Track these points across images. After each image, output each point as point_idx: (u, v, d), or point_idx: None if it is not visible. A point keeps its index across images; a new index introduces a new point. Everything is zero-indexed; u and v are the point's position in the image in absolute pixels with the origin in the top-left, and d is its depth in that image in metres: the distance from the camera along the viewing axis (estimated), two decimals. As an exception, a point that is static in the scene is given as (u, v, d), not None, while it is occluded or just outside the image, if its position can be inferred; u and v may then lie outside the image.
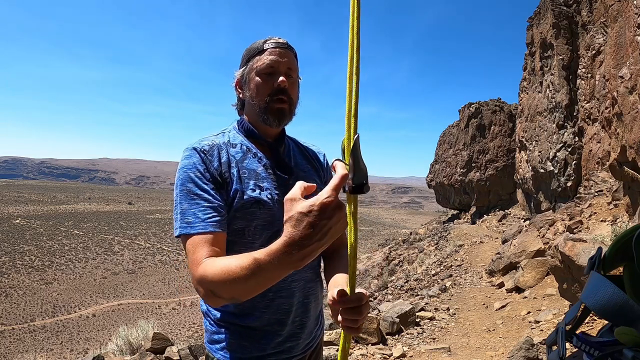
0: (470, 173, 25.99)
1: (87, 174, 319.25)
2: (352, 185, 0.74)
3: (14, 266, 39.53)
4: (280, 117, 1.13)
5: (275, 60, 1.11)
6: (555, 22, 14.76)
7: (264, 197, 1.08)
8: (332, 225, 0.69)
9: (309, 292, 1.19)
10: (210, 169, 1.05)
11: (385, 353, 4.61)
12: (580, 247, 4.43)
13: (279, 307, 1.12)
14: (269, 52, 1.12)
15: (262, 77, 1.11)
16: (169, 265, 45.23)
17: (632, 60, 6.15)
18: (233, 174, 1.08)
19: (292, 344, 1.15)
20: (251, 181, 1.09)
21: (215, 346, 1.14)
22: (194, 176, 1.02)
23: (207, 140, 1.11)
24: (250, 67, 1.14)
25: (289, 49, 1.15)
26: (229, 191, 1.06)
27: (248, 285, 0.81)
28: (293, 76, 1.16)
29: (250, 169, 1.11)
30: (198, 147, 1.07)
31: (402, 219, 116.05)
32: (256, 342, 1.11)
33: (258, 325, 1.11)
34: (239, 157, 1.12)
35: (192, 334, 21.10)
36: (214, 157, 1.07)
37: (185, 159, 1.05)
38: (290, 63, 1.14)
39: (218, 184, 1.04)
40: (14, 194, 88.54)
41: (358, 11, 0.79)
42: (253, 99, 1.14)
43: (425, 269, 12.88)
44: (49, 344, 24.73)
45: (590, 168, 12.69)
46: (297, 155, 1.27)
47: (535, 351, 3.69)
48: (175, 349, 4.05)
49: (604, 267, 0.56)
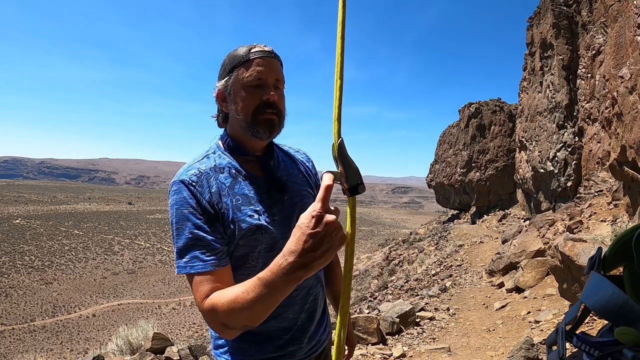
0: (470, 173, 25.98)
1: (87, 174, 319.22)
2: (347, 188, 0.75)
3: (14, 266, 39.53)
4: (270, 128, 1.06)
5: (262, 72, 1.04)
6: (555, 22, 14.76)
7: (263, 222, 1.04)
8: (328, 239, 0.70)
9: (311, 298, 1.17)
10: (202, 202, 0.99)
11: (385, 353, 4.61)
12: (580, 247, 4.43)
13: (283, 317, 1.11)
14: (255, 63, 1.03)
15: (249, 90, 1.04)
16: (169, 265, 45.22)
17: (632, 60, 6.15)
18: (227, 203, 1.02)
19: (294, 348, 1.14)
20: (247, 207, 1.04)
21: (218, 351, 1.14)
22: (187, 212, 0.98)
23: (193, 170, 1.04)
24: (235, 78, 1.05)
25: (276, 58, 1.08)
26: (226, 222, 1.01)
27: (256, 309, 0.81)
28: (280, 88, 1.10)
29: (243, 195, 1.06)
30: (186, 180, 1.01)
31: (402, 219, 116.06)
32: (257, 346, 1.10)
33: (260, 331, 1.09)
34: (229, 183, 1.06)
35: (192, 334, 21.11)
36: (204, 189, 1.01)
37: (175, 194, 1.00)
38: (277, 74, 1.07)
39: (212, 217, 0.99)
40: (14, 194, 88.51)
41: (344, 20, 0.80)
42: (239, 113, 1.06)
43: (425, 269, 12.88)
44: (49, 344, 24.74)
45: (590, 168, 12.69)
46: (288, 166, 1.22)
47: (535, 351, 3.69)
48: (175, 349, 4.04)
49: (604, 267, 0.56)
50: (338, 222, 0.70)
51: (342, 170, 0.75)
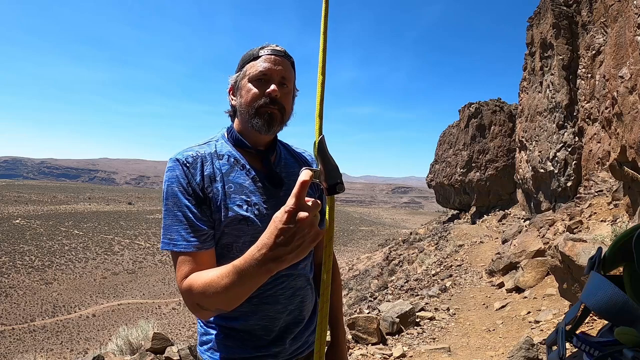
0: (470, 173, 25.98)
1: (87, 174, 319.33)
2: (326, 187, 0.74)
3: (14, 266, 39.53)
4: (269, 122, 1.08)
5: (268, 68, 1.07)
6: (555, 22, 14.76)
7: (251, 215, 1.05)
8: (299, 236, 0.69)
9: (298, 299, 1.16)
10: (192, 184, 1.02)
11: (385, 353, 4.62)
12: (580, 247, 4.43)
13: (264, 314, 1.10)
14: (263, 59, 1.08)
15: (254, 83, 1.08)
16: (169, 265, 45.19)
17: (632, 60, 6.15)
18: (217, 188, 1.04)
19: (278, 349, 1.13)
20: (238, 196, 1.06)
21: (203, 347, 1.15)
22: (177, 190, 1.00)
23: (191, 152, 1.07)
24: (244, 73, 1.10)
25: (286, 57, 1.11)
26: (213, 208, 1.03)
27: (228, 294, 0.83)
28: (288, 85, 1.11)
29: (237, 183, 1.07)
30: (181, 159, 1.04)
31: (402, 219, 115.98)
32: (240, 343, 1.10)
33: (243, 328, 1.10)
34: (225, 170, 1.08)
35: (192, 334, 21.12)
36: (197, 170, 1.04)
37: (169, 170, 1.03)
38: (285, 72, 1.10)
39: (200, 200, 1.02)
40: (14, 194, 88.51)
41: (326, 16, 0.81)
42: (242, 105, 1.10)
43: (425, 269, 12.88)
44: (49, 344, 24.74)
45: (590, 168, 12.69)
46: (289, 164, 1.23)
47: (535, 351, 3.69)
48: (175, 349, 4.04)
49: (604, 267, 0.56)
50: (312, 219, 0.68)
51: (322, 169, 0.73)
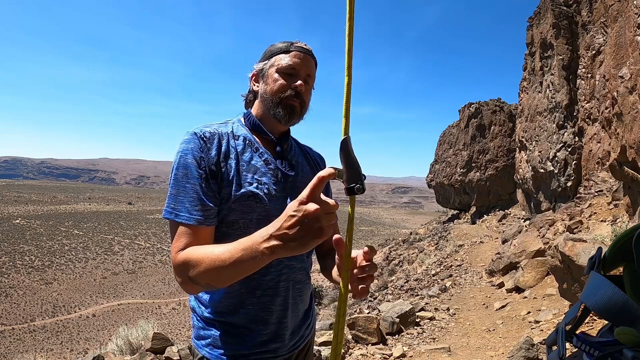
0: (470, 173, 25.99)
1: (87, 174, 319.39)
2: (346, 187, 0.75)
3: (14, 266, 39.52)
4: (291, 113, 1.14)
5: (297, 64, 1.14)
6: (555, 22, 14.76)
7: (261, 192, 1.08)
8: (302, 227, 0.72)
9: (296, 293, 1.18)
10: (207, 158, 1.04)
11: (385, 353, 4.61)
12: (580, 247, 4.43)
13: (263, 306, 1.11)
14: (293, 55, 1.15)
15: (282, 75, 1.14)
16: (169, 265, 45.19)
17: (632, 60, 6.15)
18: (231, 165, 1.07)
19: (277, 345, 1.14)
20: (249, 174, 1.09)
21: (201, 342, 1.14)
22: (190, 162, 1.02)
23: (210, 128, 1.10)
24: (272, 63, 1.16)
25: (312, 57, 1.19)
26: (224, 183, 1.05)
27: (228, 270, 0.85)
28: (310, 83, 1.19)
29: (250, 163, 1.11)
30: (199, 133, 1.07)
31: (402, 219, 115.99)
32: (239, 339, 1.10)
33: (240, 322, 1.10)
34: (240, 149, 1.12)
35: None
36: (213, 146, 1.07)
37: (185, 143, 1.05)
38: (310, 70, 1.17)
39: (212, 174, 1.04)
40: (14, 194, 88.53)
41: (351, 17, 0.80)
42: (267, 93, 1.15)
43: (425, 269, 12.88)
44: (49, 344, 24.74)
45: (590, 168, 12.69)
46: (298, 156, 1.27)
47: (535, 351, 3.69)
48: (175, 349, 4.04)
49: (604, 267, 0.56)
50: (318, 214, 0.70)
51: (344, 168, 0.75)
